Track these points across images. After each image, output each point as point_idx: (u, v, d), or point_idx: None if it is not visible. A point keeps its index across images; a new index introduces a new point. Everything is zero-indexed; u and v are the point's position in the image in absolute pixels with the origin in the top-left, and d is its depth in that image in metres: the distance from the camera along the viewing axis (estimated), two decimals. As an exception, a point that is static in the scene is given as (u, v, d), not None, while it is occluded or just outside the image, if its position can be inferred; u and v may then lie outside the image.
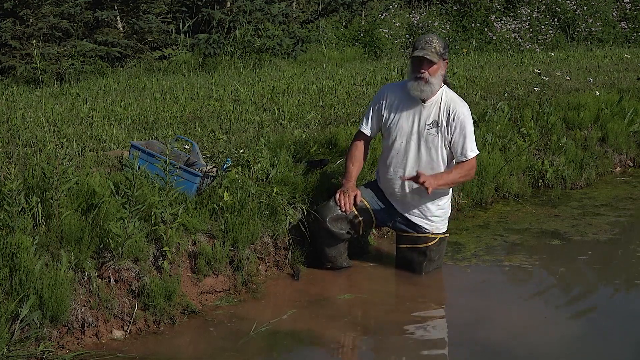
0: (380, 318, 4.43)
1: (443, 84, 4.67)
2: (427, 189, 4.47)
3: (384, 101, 4.75)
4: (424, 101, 4.63)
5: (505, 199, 6.42)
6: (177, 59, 10.83)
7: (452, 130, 4.59)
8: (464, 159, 4.64)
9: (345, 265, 4.96)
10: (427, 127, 4.62)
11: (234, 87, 7.93)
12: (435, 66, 4.53)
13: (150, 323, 4.16)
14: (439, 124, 4.61)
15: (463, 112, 4.60)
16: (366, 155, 4.93)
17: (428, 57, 4.49)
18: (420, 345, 4.19)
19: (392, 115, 4.72)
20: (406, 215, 4.84)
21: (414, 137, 4.66)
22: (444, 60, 4.58)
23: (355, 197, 4.70)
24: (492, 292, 4.78)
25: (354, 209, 4.72)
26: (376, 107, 4.79)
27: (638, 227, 6.12)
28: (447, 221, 4.92)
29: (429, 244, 4.84)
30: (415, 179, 4.53)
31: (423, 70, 4.52)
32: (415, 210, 4.81)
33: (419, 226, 4.82)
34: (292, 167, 5.13)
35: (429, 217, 4.82)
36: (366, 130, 4.83)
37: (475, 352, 4.03)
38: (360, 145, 4.86)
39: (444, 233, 4.91)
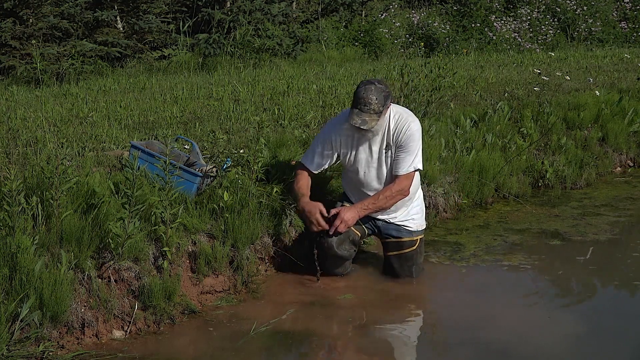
0: (380, 318, 4.43)
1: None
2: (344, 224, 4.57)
3: (333, 144, 4.69)
4: None
5: (505, 199, 6.42)
6: (177, 59, 10.83)
7: (400, 143, 4.57)
8: (397, 174, 4.61)
9: (350, 270, 4.97)
10: (383, 151, 4.64)
11: (234, 87, 7.93)
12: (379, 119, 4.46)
13: (150, 323, 4.16)
14: (392, 144, 4.61)
15: (411, 127, 4.57)
16: (309, 183, 4.78)
17: (366, 128, 4.42)
18: (420, 345, 4.20)
19: (347, 153, 4.70)
20: (384, 217, 4.84)
21: (374, 164, 4.68)
22: (385, 109, 4.46)
23: (320, 211, 4.61)
24: (491, 292, 4.78)
25: (323, 224, 4.62)
26: (323, 149, 4.71)
27: (638, 227, 6.12)
28: (424, 219, 4.94)
29: (414, 247, 4.85)
30: (337, 222, 4.56)
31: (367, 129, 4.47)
32: (393, 215, 4.82)
33: (401, 226, 4.83)
34: (292, 167, 5.12)
35: (411, 216, 4.84)
36: (311, 167, 4.76)
37: (476, 352, 4.03)
38: (304, 175, 4.75)
39: (422, 232, 4.91)
